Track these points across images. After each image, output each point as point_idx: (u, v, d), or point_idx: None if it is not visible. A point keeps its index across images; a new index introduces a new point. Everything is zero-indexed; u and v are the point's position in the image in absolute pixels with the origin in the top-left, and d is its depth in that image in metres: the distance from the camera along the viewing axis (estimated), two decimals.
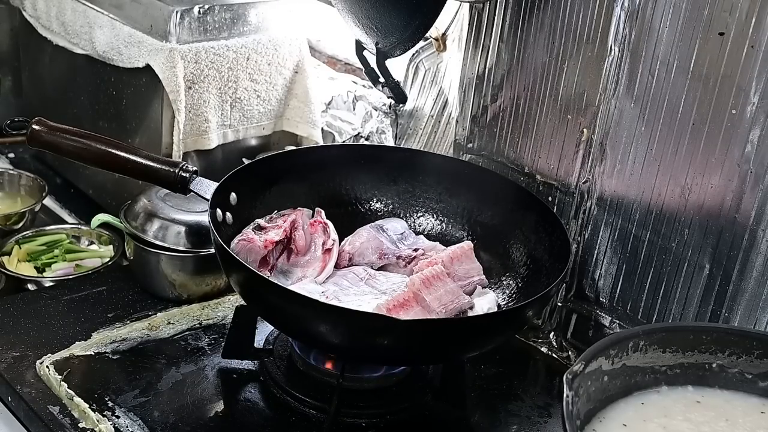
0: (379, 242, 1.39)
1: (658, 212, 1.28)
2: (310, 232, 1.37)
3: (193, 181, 1.31)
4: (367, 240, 1.39)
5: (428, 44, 1.61)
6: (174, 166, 1.31)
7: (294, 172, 1.43)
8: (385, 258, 1.38)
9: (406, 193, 1.48)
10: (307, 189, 1.43)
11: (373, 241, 1.38)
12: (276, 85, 1.72)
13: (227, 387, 1.29)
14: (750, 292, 1.20)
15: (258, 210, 1.37)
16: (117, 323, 1.39)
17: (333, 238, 1.36)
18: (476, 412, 1.29)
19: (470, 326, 1.17)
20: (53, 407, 1.21)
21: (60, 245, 1.65)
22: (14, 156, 2.00)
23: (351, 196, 1.47)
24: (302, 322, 1.16)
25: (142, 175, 1.32)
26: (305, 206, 1.40)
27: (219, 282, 1.48)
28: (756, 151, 1.15)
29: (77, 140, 1.32)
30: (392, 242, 1.40)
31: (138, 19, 1.62)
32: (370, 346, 1.15)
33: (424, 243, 1.42)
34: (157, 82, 1.58)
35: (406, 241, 1.41)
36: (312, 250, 1.36)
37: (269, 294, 1.16)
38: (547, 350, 1.45)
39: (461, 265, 1.35)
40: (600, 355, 1.00)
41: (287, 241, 1.35)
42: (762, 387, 1.05)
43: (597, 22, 1.30)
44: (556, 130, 1.39)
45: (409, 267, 1.38)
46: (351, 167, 1.46)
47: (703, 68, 1.19)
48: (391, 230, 1.42)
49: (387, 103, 1.71)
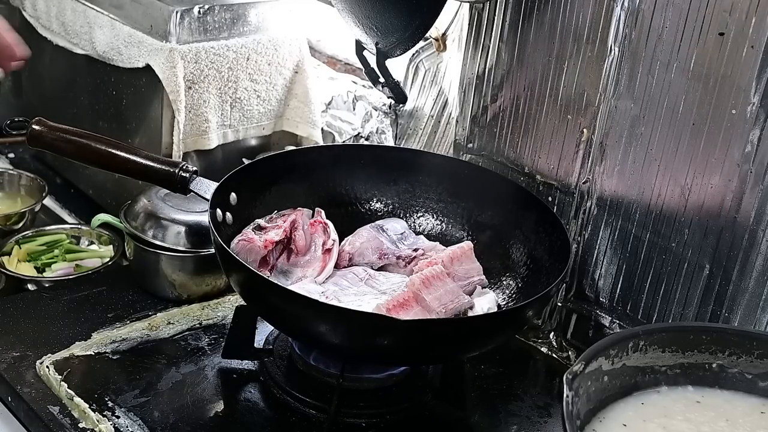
0: (379, 242, 1.39)
1: (658, 212, 1.28)
2: (310, 232, 1.37)
3: (193, 181, 1.31)
4: (367, 240, 1.39)
5: (428, 44, 1.61)
6: (174, 166, 1.31)
7: (294, 172, 1.43)
8: (385, 258, 1.38)
9: (406, 193, 1.48)
10: (307, 189, 1.43)
11: (373, 241, 1.38)
12: (276, 85, 1.72)
13: (227, 387, 1.29)
14: (750, 292, 1.20)
15: (258, 210, 1.37)
16: (117, 323, 1.39)
17: (333, 238, 1.36)
18: (476, 412, 1.29)
19: (471, 326, 1.17)
20: (53, 407, 1.21)
21: (60, 245, 1.65)
22: (14, 156, 2.00)
23: (351, 196, 1.47)
24: (303, 323, 1.16)
25: (142, 175, 1.32)
26: (305, 206, 1.40)
27: (219, 282, 1.48)
28: (756, 151, 1.15)
29: (77, 140, 1.32)
30: (392, 242, 1.40)
31: (138, 19, 1.62)
32: (370, 347, 1.15)
33: (424, 243, 1.42)
34: (157, 82, 1.58)
35: (406, 241, 1.42)
36: (312, 250, 1.36)
37: (270, 294, 1.16)
38: (547, 350, 1.45)
39: (461, 265, 1.35)
40: (600, 355, 1.00)
41: (287, 241, 1.35)
42: (762, 387, 1.05)
43: (597, 22, 1.30)
44: (556, 130, 1.39)
45: (409, 267, 1.38)
46: (351, 167, 1.46)
47: (703, 68, 1.19)
48: (391, 230, 1.42)
49: (387, 103, 1.71)
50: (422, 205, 1.48)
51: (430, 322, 1.19)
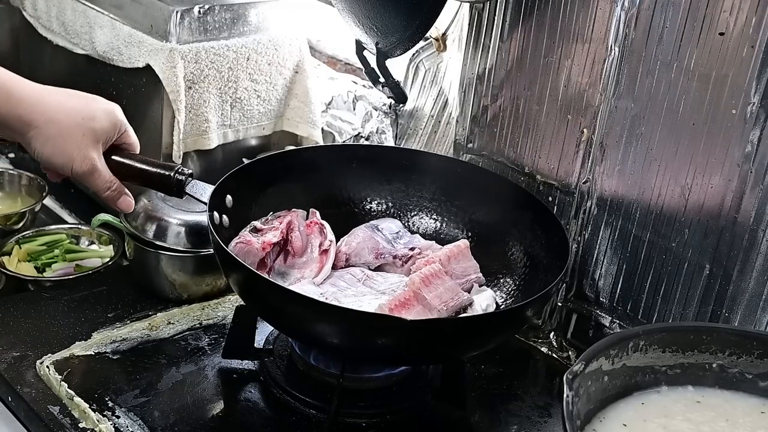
0: (375, 242, 1.39)
1: (658, 212, 1.28)
2: (306, 233, 1.37)
3: (188, 184, 1.30)
4: (363, 240, 1.39)
5: (428, 44, 1.61)
6: (170, 170, 1.30)
7: (289, 173, 1.42)
8: (381, 258, 1.38)
9: (399, 192, 1.48)
10: (302, 189, 1.43)
11: (369, 241, 1.38)
12: (276, 85, 1.72)
13: (227, 387, 1.29)
14: (750, 292, 1.20)
15: (254, 211, 1.37)
16: (117, 323, 1.39)
17: (330, 239, 1.36)
18: (476, 412, 1.29)
19: (478, 324, 1.17)
20: (53, 407, 1.21)
21: (60, 245, 1.65)
22: (14, 156, 2.00)
23: (345, 197, 1.47)
24: (306, 324, 1.16)
25: (138, 179, 1.32)
26: (301, 207, 1.40)
27: (219, 282, 1.48)
28: (756, 151, 1.15)
29: None
30: (388, 242, 1.40)
31: (138, 19, 1.62)
32: (373, 347, 1.15)
33: (420, 242, 1.42)
34: (157, 82, 1.58)
35: (402, 240, 1.41)
36: (309, 252, 1.36)
37: (272, 296, 1.16)
38: (547, 350, 1.45)
39: (458, 263, 1.35)
40: (600, 355, 1.00)
41: (284, 243, 1.35)
42: (762, 387, 1.05)
43: (597, 22, 1.30)
44: (556, 130, 1.39)
45: (406, 266, 1.38)
46: (345, 168, 1.46)
47: (703, 68, 1.19)
48: (386, 230, 1.42)
49: (387, 103, 1.71)
50: (416, 204, 1.48)
51: (437, 322, 1.19)
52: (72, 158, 1.24)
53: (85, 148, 1.24)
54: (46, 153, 1.23)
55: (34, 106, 1.21)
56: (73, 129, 1.23)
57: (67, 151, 1.24)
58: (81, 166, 1.25)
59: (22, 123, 1.21)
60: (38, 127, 1.21)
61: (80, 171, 1.25)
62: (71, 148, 1.24)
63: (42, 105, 1.22)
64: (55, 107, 1.23)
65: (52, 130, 1.22)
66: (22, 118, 1.20)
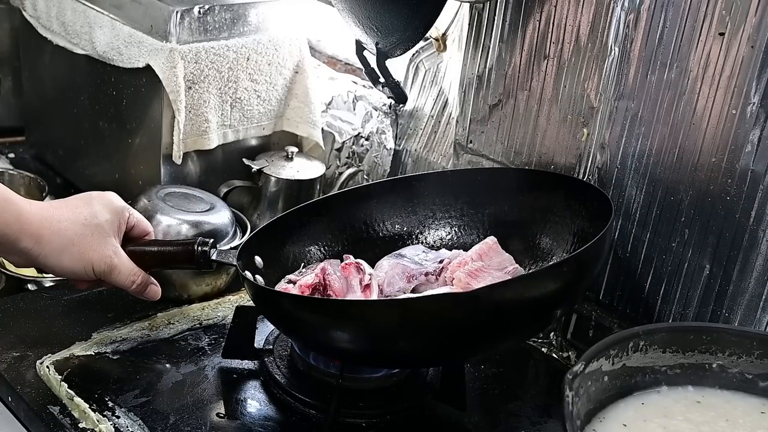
0: (402, 267, 1.35)
1: (658, 212, 1.28)
2: (344, 275, 1.33)
3: (212, 252, 1.30)
4: (390, 268, 1.35)
5: (428, 44, 1.61)
6: (190, 244, 1.31)
7: (309, 225, 1.41)
8: (414, 279, 1.34)
9: (413, 215, 1.45)
10: (327, 229, 1.42)
11: (396, 268, 1.34)
12: (276, 85, 1.72)
13: (227, 387, 1.29)
14: (750, 292, 1.20)
15: (285, 264, 1.37)
16: (117, 323, 1.39)
17: (369, 272, 1.32)
18: (476, 413, 1.29)
19: (555, 273, 1.15)
20: (53, 407, 1.21)
21: None
22: (14, 156, 2.00)
23: (372, 231, 1.45)
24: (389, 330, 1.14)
25: (161, 263, 1.32)
26: (330, 247, 1.40)
27: (219, 282, 1.48)
28: (756, 151, 1.15)
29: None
30: (415, 263, 1.36)
31: (138, 19, 1.62)
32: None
33: (447, 253, 1.38)
34: (157, 82, 1.58)
35: (428, 256, 1.38)
36: (352, 291, 1.32)
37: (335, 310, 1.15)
38: (547, 350, 1.45)
39: (491, 259, 1.32)
40: (600, 355, 1.00)
41: (323, 288, 1.31)
42: (762, 387, 1.05)
43: (597, 22, 1.30)
44: (556, 130, 1.39)
45: (441, 278, 1.34)
46: (364, 205, 1.45)
47: (703, 68, 1.19)
48: (409, 254, 1.39)
49: (387, 103, 1.71)
50: (434, 221, 1.45)
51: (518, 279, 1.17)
52: (90, 261, 1.23)
53: (98, 247, 1.24)
54: (65, 265, 1.23)
55: (42, 221, 1.20)
56: (81, 231, 1.22)
57: (84, 255, 1.23)
58: (100, 266, 1.24)
59: (33, 241, 1.19)
60: (49, 242, 1.20)
61: (100, 271, 1.25)
62: (86, 252, 1.23)
63: (47, 220, 1.21)
64: (57, 217, 1.22)
65: (62, 240, 1.21)
66: (32, 236, 1.19)
